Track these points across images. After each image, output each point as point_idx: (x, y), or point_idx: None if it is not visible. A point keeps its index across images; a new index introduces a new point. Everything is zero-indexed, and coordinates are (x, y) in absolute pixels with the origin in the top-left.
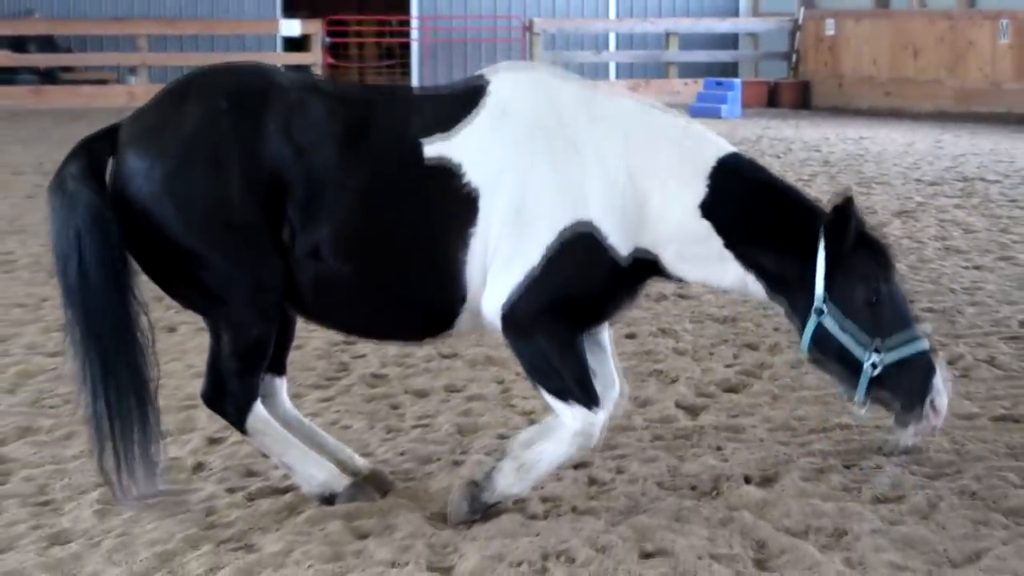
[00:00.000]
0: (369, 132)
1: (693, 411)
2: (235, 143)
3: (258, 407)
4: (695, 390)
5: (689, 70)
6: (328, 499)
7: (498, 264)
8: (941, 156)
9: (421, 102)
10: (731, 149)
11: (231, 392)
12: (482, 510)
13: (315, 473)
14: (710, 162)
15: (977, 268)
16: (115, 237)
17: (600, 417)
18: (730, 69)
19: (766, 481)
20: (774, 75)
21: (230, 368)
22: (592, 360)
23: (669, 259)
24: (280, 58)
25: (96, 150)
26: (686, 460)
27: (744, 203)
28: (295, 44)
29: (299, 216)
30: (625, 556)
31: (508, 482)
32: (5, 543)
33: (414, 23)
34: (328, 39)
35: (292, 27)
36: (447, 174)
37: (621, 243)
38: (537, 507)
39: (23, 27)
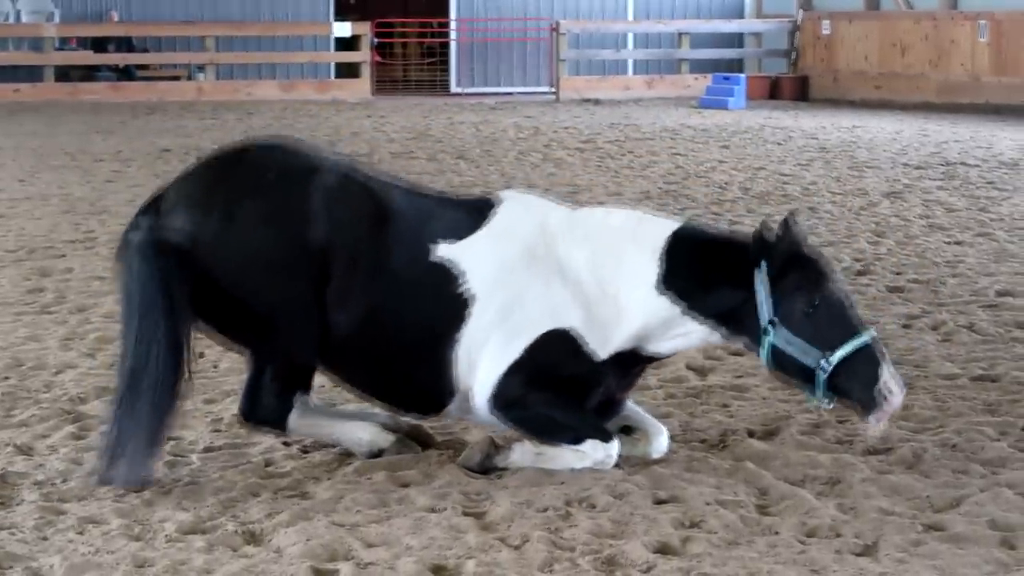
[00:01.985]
0: (393, 225)
1: (702, 372)
2: (289, 212)
3: (293, 413)
4: (704, 353)
5: (699, 66)
6: (377, 454)
7: (484, 365)
8: (926, 143)
9: (439, 205)
10: (678, 224)
11: (270, 407)
12: (489, 469)
13: (361, 436)
14: (660, 241)
15: (958, 243)
16: (177, 303)
17: (614, 447)
18: (736, 65)
19: (768, 435)
20: (776, 70)
21: (273, 389)
22: (629, 421)
23: (644, 343)
24: (333, 57)
25: (151, 220)
26: (696, 416)
27: (691, 265)
28: (346, 44)
29: (334, 280)
30: (641, 502)
31: (522, 459)
32: (86, 492)
33: (453, 24)
34: (375, 39)
35: (344, 29)
36: (449, 276)
37: (599, 347)
38: None
39: (104, 29)
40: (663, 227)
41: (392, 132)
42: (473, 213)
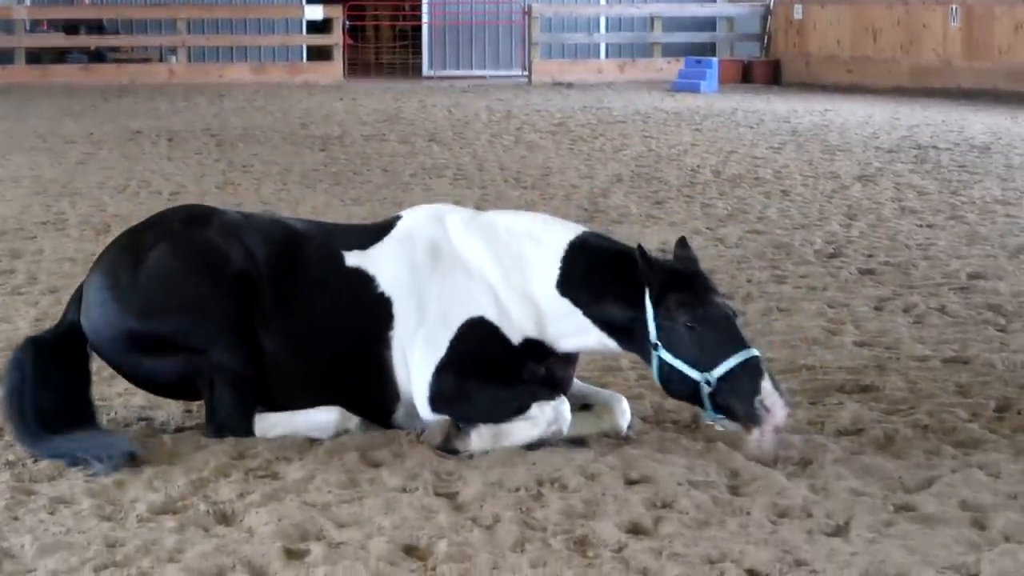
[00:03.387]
0: (301, 244)
1: None
2: (201, 251)
3: (256, 419)
4: None
5: (672, 50)
6: (344, 433)
7: (416, 369)
8: (898, 127)
9: (343, 228)
10: (581, 231)
11: (235, 420)
12: (448, 451)
13: (326, 418)
14: (562, 246)
15: (930, 227)
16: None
17: (563, 403)
18: (708, 49)
19: None
20: (748, 54)
21: (230, 402)
22: (585, 399)
23: (550, 338)
24: (305, 40)
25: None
26: (667, 397)
27: (588, 274)
28: (318, 27)
29: (256, 303)
30: (612, 483)
31: (481, 443)
32: (55, 471)
33: (425, 7)
34: (348, 22)
35: (315, 11)
36: (365, 279)
37: (512, 333)
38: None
39: (75, 12)
40: (566, 232)
41: (364, 115)
42: (378, 228)
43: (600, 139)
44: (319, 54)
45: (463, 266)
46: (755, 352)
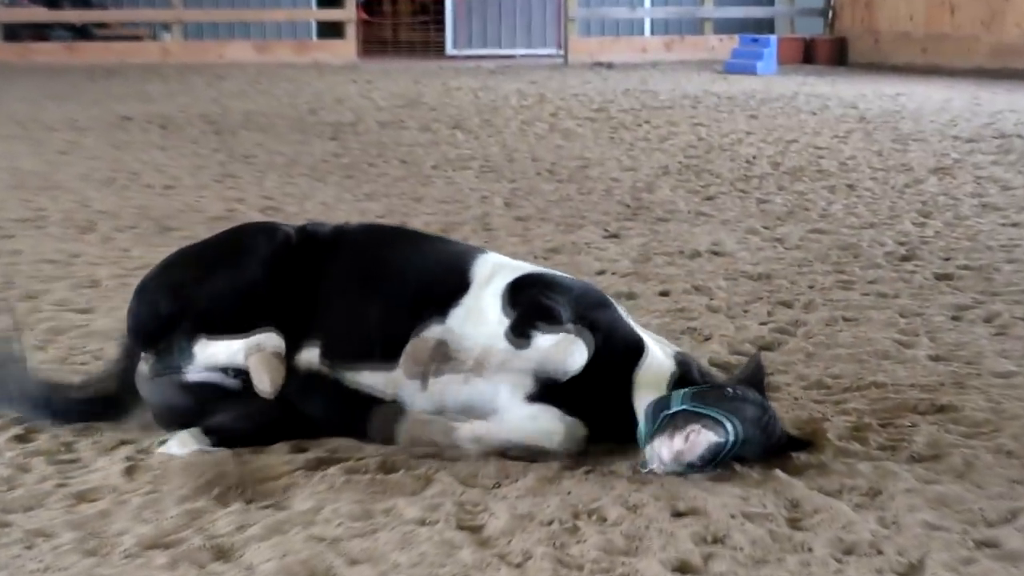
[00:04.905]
0: None
1: (727, 369)
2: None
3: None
4: (729, 348)
5: (724, 26)
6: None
7: None
8: (978, 113)
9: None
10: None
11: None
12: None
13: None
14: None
15: (1015, 225)
16: None
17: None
18: (766, 25)
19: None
20: (810, 32)
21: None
22: None
23: None
24: (314, 14)
25: None
26: None
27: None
28: (328, 0)
29: None
30: (657, 515)
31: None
32: (32, 500)
33: None
34: None
35: None
36: None
37: None
38: (562, 466)
39: None
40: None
41: (380, 99)
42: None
43: (644, 127)
44: (330, 30)
45: None
46: None
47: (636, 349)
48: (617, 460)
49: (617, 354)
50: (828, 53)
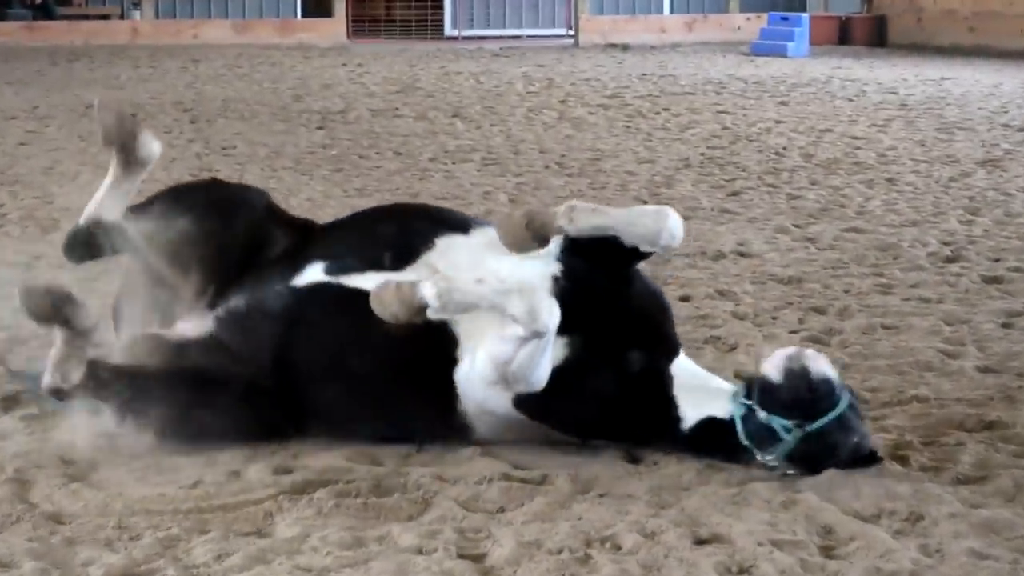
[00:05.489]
0: None
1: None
2: None
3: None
4: (756, 359)
5: (751, 3)
6: None
7: None
8: None
9: None
10: None
11: None
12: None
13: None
14: None
15: None
16: None
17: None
18: (797, 3)
19: None
20: (845, 9)
21: None
22: None
23: None
24: None
25: None
26: None
27: None
28: None
29: None
30: (676, 543)
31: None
32: None
33: None
34: None
35: None
36: None
37: None
38: (573, 488)
39: None
40: None
41: (373, 84)
42: None
43: (663, 115)
44: (317, 8)
45: None
46: None
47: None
48: (633, 482)
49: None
50: (866, 33)
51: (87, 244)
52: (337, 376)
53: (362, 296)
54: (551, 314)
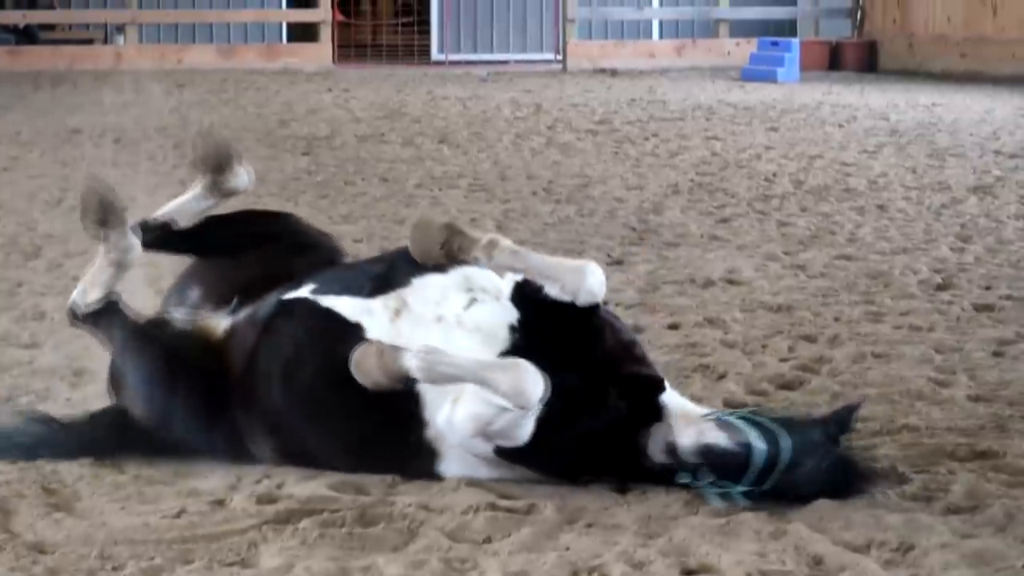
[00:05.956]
0: None
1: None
2: None
3: None
4: (746, 387)
5: (741, 28)
6: None
7: None
8: (1023, 125)
9: None
10: None
11: None
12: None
13: None
14: None
15: None
16: None
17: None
18: (787, 27)
19: None
20: (836, 34)
21: None
22: None
23: None
24: (285, 15)
25: None
26: None
27: None
28: (301, 0)
29: None
30: (665, 572)
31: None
32: None
33: None
34: None
35: None
36: None
37: None
38: (560, 518)
39: None
40: None
41: (359, 110)
42: None
43: (652, 140)
44: (303, 33)
45: None
46: None
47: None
48: (620, 512)
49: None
50: (856, 58)
51: (155, 233)
52: (290, 389)
53: (331, 316)
54: (537, 390)
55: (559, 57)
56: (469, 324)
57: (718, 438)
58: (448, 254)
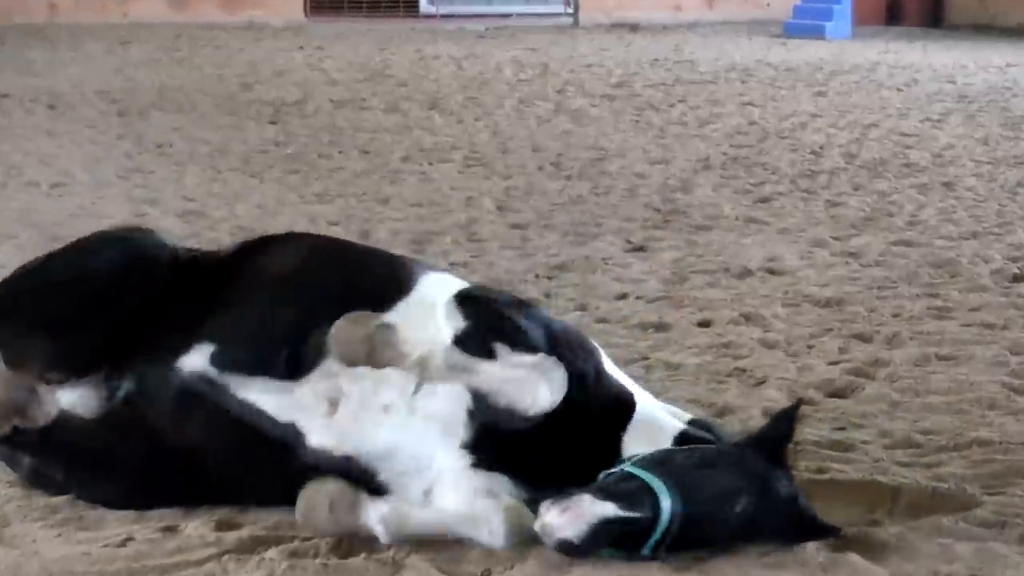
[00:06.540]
0: None
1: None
2: None
3: None
4: (789, 394)
5: None
6: None
7: None
8: None
9: None
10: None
11: None
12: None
13: None
14: None
15: None
16: None
17: None
18: None
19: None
20: None
21: None
22: None
23: None
24: None
25: None
26: None
27: None
28: None
29: None
30: None
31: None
32: None
33: None
34: None
35: None
36: None
37: None
38: None
39: None
40: None
41: (335, 71)
42: None
43: (678, 107)
44: None
45: None
46: None
47: (625, 405)
48: None
49: (598, 407)
50: (919, 11)
51: None
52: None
53: (244, 411)
54: (511, 535)
55: (569, 9)
56: (421, 412)
57: (572, 529)
58: (373, 360)
